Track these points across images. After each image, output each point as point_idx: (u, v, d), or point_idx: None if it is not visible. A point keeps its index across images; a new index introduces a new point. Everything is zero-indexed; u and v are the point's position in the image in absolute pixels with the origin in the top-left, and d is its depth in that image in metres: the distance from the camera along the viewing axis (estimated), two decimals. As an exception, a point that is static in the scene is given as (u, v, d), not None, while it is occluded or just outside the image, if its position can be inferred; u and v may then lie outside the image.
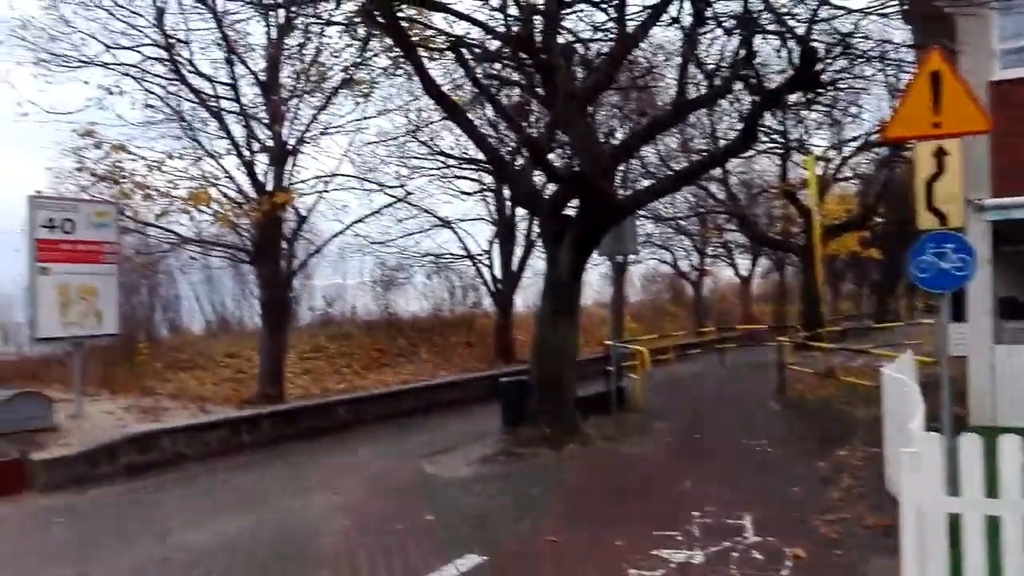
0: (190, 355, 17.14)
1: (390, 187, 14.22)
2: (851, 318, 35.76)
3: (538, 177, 11.76)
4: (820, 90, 10.26)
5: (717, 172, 22.08)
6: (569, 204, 10.59)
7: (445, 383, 14.68)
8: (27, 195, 9.35)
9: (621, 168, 14.89)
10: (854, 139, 23.09)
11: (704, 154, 16.82)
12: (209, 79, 11.67)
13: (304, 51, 12.37)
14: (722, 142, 16.69)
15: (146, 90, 11.39)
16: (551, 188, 12.89)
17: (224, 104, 11.90)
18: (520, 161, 11.90)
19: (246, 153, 11.62)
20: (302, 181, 12.42)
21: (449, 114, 9.87)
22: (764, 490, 7.18)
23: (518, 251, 19.33)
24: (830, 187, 24.72)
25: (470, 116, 10.77)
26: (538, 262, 21.48)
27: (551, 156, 11.26)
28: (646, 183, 17.59)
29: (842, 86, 12.16)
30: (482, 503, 7.16)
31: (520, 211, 18.82)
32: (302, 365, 16.62)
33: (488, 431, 10.54)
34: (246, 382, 14.91)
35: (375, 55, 11.96)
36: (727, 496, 6.91)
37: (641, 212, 18.67)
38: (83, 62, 10.59)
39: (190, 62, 11.46)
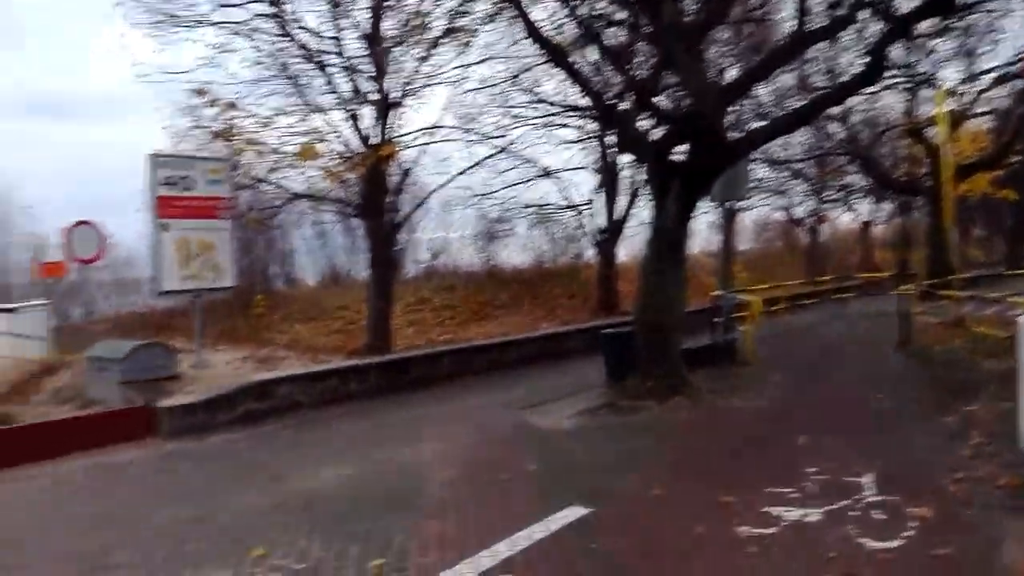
0: (304, 307, 17.84)
1: (492, 137, 14.06)
2: (982, 265, 33.27)
3: (644, 122, 11.31)
4: (954, 15, 9.29)
5: (837, 110, 20.69)
6: (677, 149, 10.15)
7: (547, 335, 14.61)
8: (147, 154, 9.79)
9: (733, 109, 14.13)
10: (990, 70, 21.04)
11: (823, 91, 15.73)
12: (315, 33, 11.77)
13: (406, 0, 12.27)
14: (843, 78, 15.56)
15: (255, 47, 11.62)
16: (657, 133, 12.44)
17: (329, 59, 11.99)
18: (625, 105, 11.44)
19: (351, 107, 11.70)
20: (406, 134, 12.44)
21: (552, 58, 9.57)
22: (885, 446, 6.74)
23: (622, 200, 18.87)
24: (961, 124, 22.75)
25: (573, 60, 10.40)
26: (643, 211, 20.96)
27: (658, 99, 10.77)
28: (759, 125, 16.69)
29: (979, 11, 10.99)
30: (585, 455, 7.06)
31: (625, 158, 18.32)
32: (407, 317, 16.98)
33: (591, 383, 10.42)
34: (355, 333, 15.36)
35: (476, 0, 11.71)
36: (845, 452, 6.52)
37: (754, 155, 17.78)
38: (196, 22, 10.89)
39: (295, 17, 11.59)
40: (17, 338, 14.89)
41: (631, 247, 22.10)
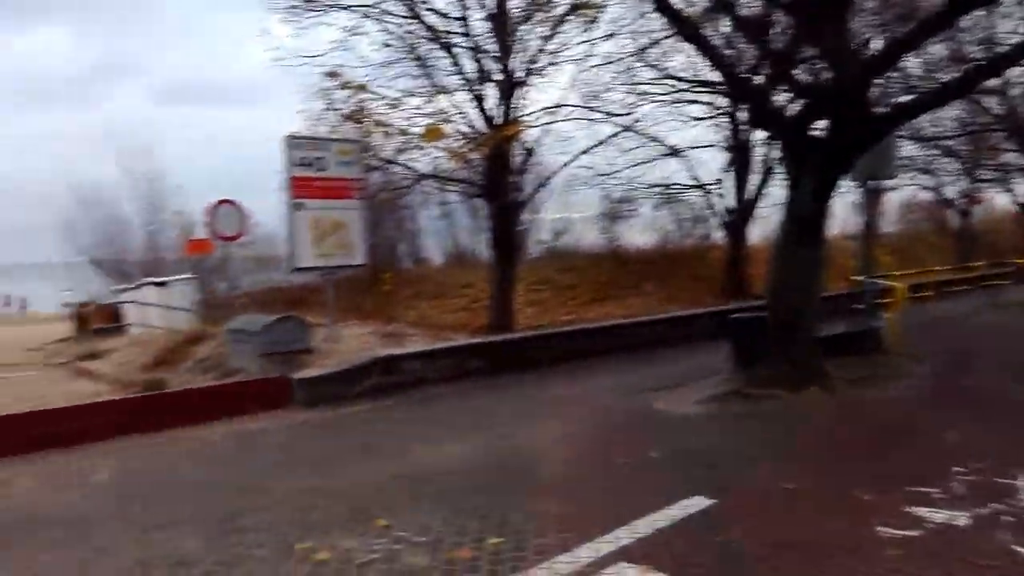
0: (429, 286, 18.25)
1: (617, 115, 13.75)
2: None
3: (779, 96, 10.71)
4: None
5: (994, 83, 18.90)
6: (815, 125, 9.55)
7: (672, 317, 14.23)
8: (283, 136, 10.22)
9: (879, 82, 13.15)
10: None
11: (979, 63, 14.37)
12: (442, 14, 11.90)
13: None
14: (1001, 48, 14.15)
15: (384, 30, 11.87)
16: (794, 109, 11.75)
17: (455, 39, 12.08)
18: (759, 78, 10.87)
19: (476, 87, 11.75)
20: (530, 113, 12.38)
21: (681, 31, 9.19)
22: (1050, 449, 6.10)
23: (753, 180, 18.06)
24: None
25: (703, 32, 9.94)
26: (775, 191, 19.99)
27: (795, 71, 10.13)
28: (908, 99, 15.48)
29: None
30: (711, 444, 6.78)
31: (757, 135, 17.51)
32: (530, 296, 17.01)
33: (718, 369, 10.02)
34: (479, 311, 15.55)
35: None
36: (998, 452, 5.94)
37: (901, 131, 16.52)
38: (328, 6, 11.23)
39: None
40: (167, 310, 16.09)
41: (761, 229, 21.22)
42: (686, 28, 9.21)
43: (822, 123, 9.59)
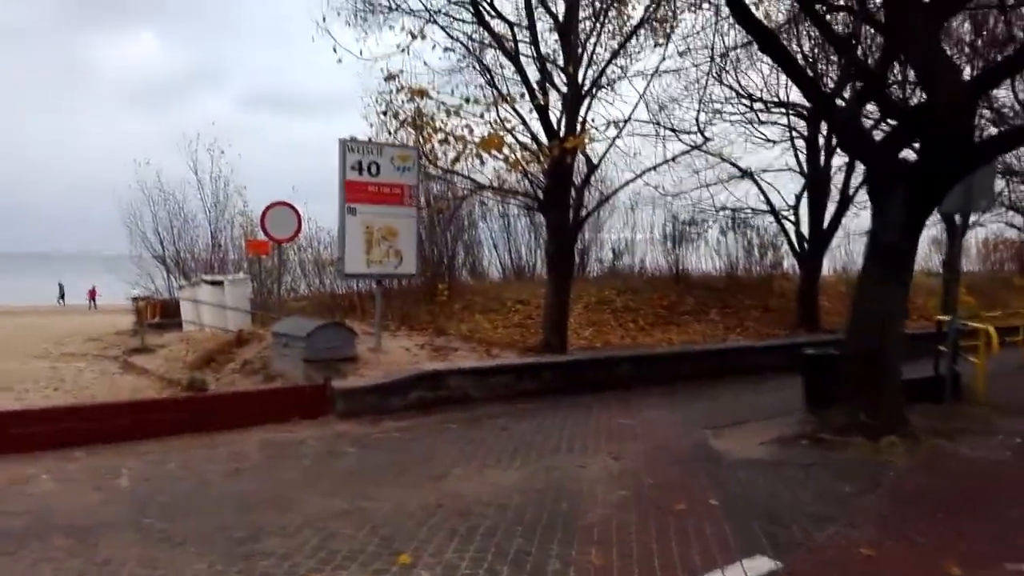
0: (485, 299, 17.79)
1: (687, 132, 13.13)
2: None
3: (865, 119, 9.97)
4: None
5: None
6: (904, 150, 8.81)
7: (737, 348, 13.47)
8: (338, 139, 9.94)
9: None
10: None
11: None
12: (508, 21, 11.51)
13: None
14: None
15: (449, 35, 11.55)
16: (878, 133, 10.98)
17: (521, 47, 11.68)
18: (843, 99, 10.14)
19: (540, 97, 11.30)
20: (594, 128, 11.87)
21: (763, 43, 8.56)
22: None
23: (829, 208, 17.11)
24: None
25: (785, 46, 9.30)
26: (852, 221, 19.05)
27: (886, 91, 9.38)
28: (1017, 125, 14.44)
29: None
30: (777, 494, 6.11)
31: (837, 160, 16.66)
32: (587, 316, 16.41)
33: (786, 408, 9.30)
34: (532, 328, 15.03)
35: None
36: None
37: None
38: (391, 8, 10.98)
39: (491, 5, 11.39)
40: (220, 309, 16.05)
41: (835, 259, 20.24)
42: (769, 41, 8.57)
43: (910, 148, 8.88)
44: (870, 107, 11.72)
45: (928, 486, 6.58)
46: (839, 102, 9.91)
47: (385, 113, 10.63)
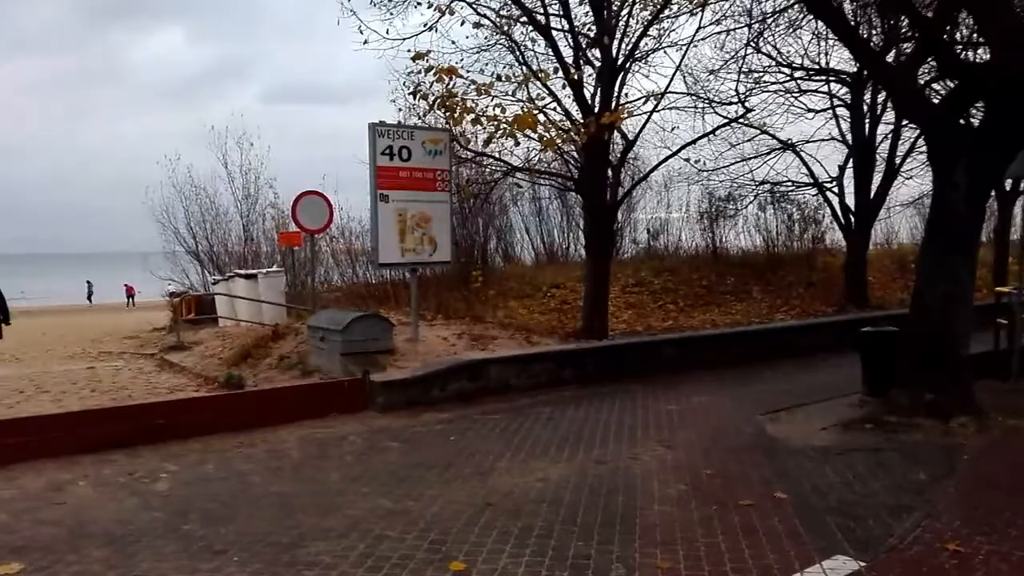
0: (519, 284, 17.52)
1: (727, 103, 12.62)
2: None
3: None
4: None
5: None
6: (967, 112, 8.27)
7: (784, 328, 13.00)
8: (368, 123, 9.63)
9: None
10: None
11: None
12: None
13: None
14: None
15: (476, 11, 11.16)
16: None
17: (552, 21, 11.26)
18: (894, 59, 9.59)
19: (573, 72, 10.88)
20: (630, 102, 11.44)
21: (810, 4, 8.06)
22: None
23: (875, 177, 16.45)
24: None
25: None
26: (898, 191, 18.36)
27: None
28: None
29: None
30: (847, 484, 5.72)
31: (881, 129, 16.00)
32: (625, 299, 16.05)
33: (842, 389, 8.88)
34: (570, 313, 14.72)
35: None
36: None
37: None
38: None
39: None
40: (255, 303, 15.93)
41: (877, 232, 19.56)
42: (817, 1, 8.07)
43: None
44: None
45: (1008, 470, 6.15)
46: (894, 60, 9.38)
47: (414, 94, 10.31)
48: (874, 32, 13.84)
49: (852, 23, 11.10)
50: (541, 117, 10.21)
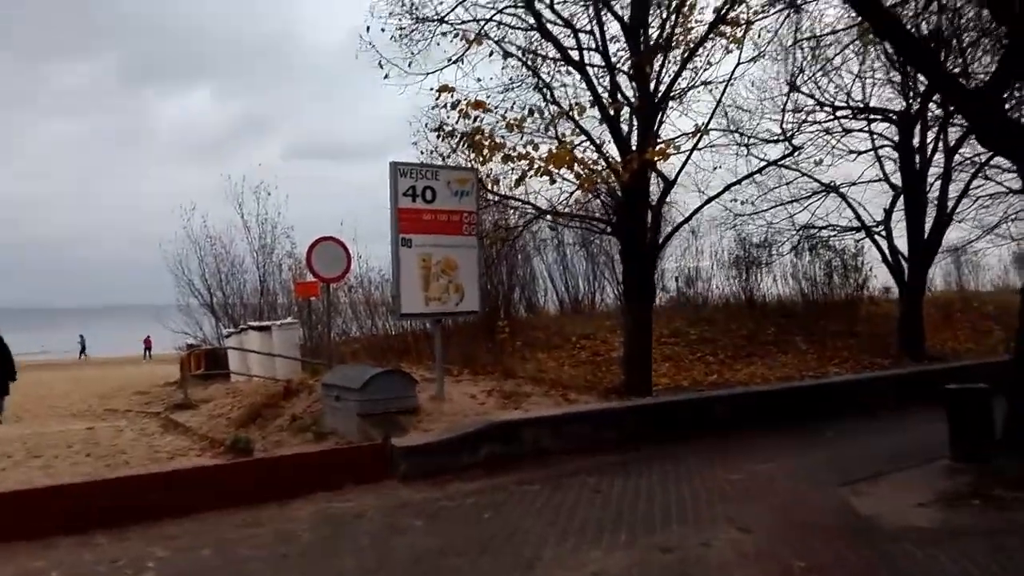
0: (546, 335, 16.58)
1: (772, 141, 11.82)
2: None
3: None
4: None
5: None
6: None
7: (842, 383, 11.92)
8: (389, 162, 8.86)
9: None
10: None
11: None
12: (572, 27, 10.38)
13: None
14: None
15: (502, 48, 10.48)
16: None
17: (585, 56, 10.57)
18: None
19: (610, 108, 10.13)
20: (671, 139, 10.64)
21: (877, 27, 7.26)
22: None
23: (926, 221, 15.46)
24: None
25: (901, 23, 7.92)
26: (956, 232, 17.40)
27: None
28: None
29: None
30: (975, 580, 4.67)
31: (933, 170, 15.09)
32: (660, 350, 15.03)
33: (922, 453, 7.85)
34: (603, 365, 13.76)
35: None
36: None
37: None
38: (441, 19, 9.95)
39: (551, 7, 10.27)
40: (270, 357, 15.08)
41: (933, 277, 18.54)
42: (887, 23, 7.27)
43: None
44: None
45: None
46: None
47: (438, 132, 9.55)
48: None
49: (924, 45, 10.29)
50: (578, 153, 9.42)
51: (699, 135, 10.72)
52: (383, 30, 10.15)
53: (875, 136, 15.53)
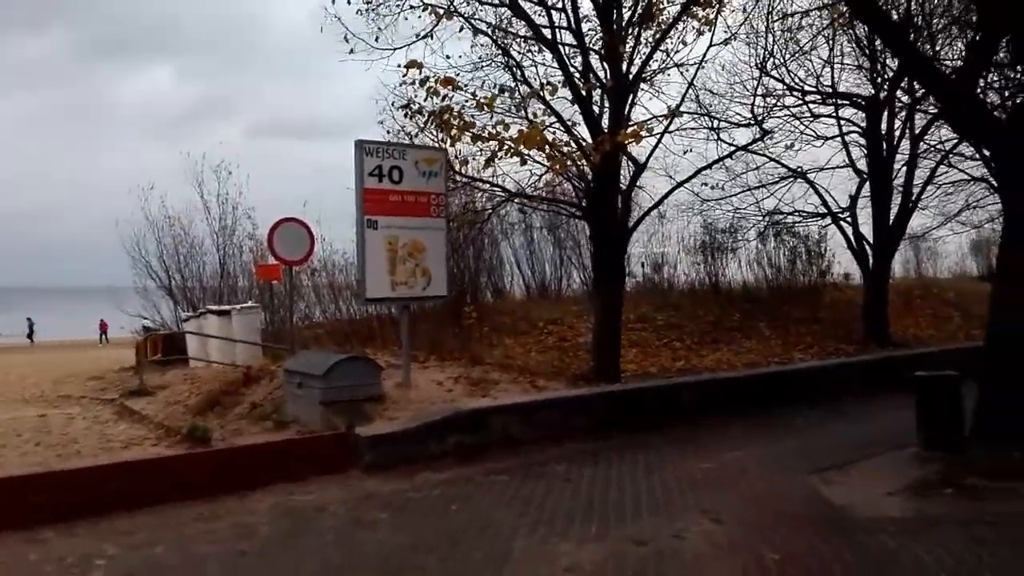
0: (512, 320, 16.38)
1: (744, 125, 11.75)
2: None
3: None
4: None
5: None
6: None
7: (809, 369, 11.96)
8: (355, 141, 8.54)
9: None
10: None
11: None
12: (544, 5, 10.14)
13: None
14: None
15: (472, 26, 10.20)
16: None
17: (557, 34, 10.34)
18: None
19: (584, 88, 9.92)
20: (643, 121, 10.48)
21: (856, 7, 7.15)
22: None
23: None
24: None
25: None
26: (918, 219, 17.57)
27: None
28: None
29: None
30: (953, 573, 4.61)
31: (900, 157, 15.18)
32: (627, 336, 14.91)
33: (889, 440, 7.86)
34: (570, 351, 13.62)
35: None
36: None
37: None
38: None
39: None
40: (229, 342, 14.67)
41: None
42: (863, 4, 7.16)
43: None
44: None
45: None
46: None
47: (405, 110, 9.25)
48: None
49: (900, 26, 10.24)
50: (548, 135, 9.20)
51: (671, 118, 10.58)
52: (349, 2, 9.81)
53: (843, 122, 15.56)
